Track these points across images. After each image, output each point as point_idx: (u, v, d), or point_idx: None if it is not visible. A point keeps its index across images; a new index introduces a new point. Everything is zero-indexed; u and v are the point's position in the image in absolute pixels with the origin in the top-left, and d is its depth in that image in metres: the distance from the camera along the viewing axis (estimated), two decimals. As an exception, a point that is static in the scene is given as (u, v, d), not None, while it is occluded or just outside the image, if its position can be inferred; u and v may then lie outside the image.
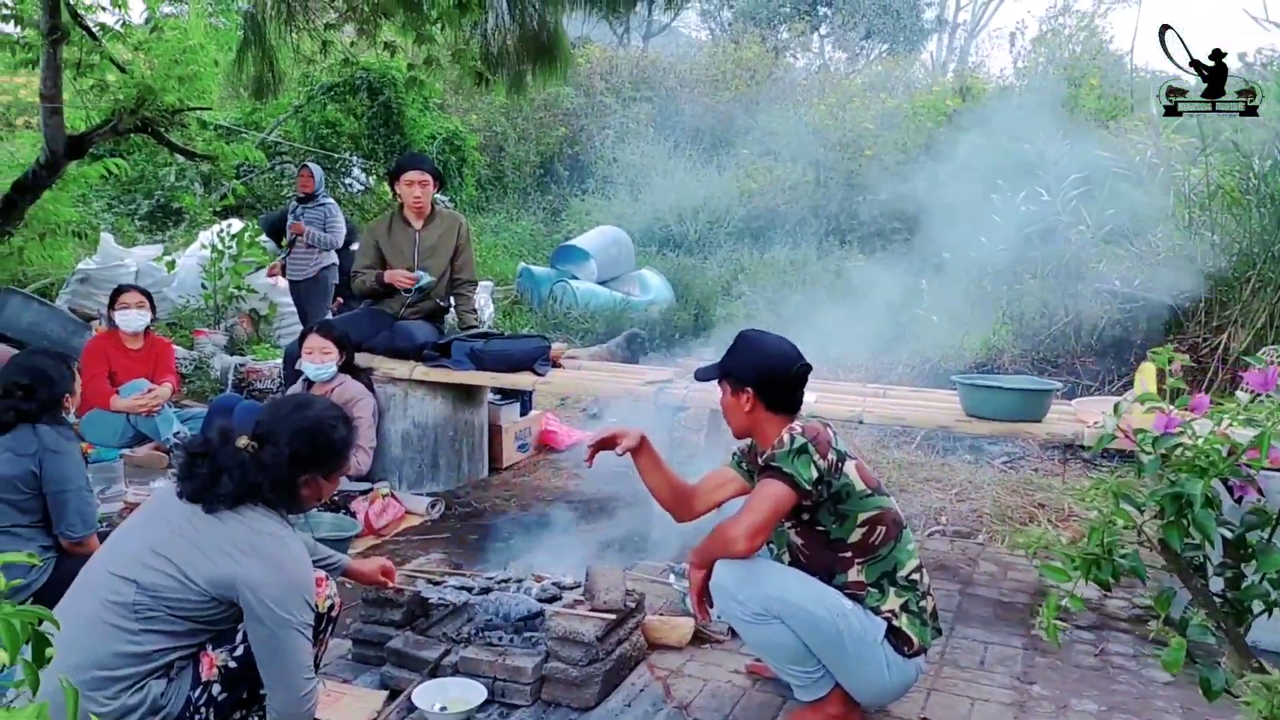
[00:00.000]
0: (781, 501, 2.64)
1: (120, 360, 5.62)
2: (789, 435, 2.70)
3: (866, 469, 2.80)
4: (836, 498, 2.71)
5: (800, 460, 2.64)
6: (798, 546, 2.83)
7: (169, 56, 7.76)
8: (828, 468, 2.66)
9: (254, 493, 2.39)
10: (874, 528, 2.74)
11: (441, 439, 5.20)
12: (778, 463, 2.66)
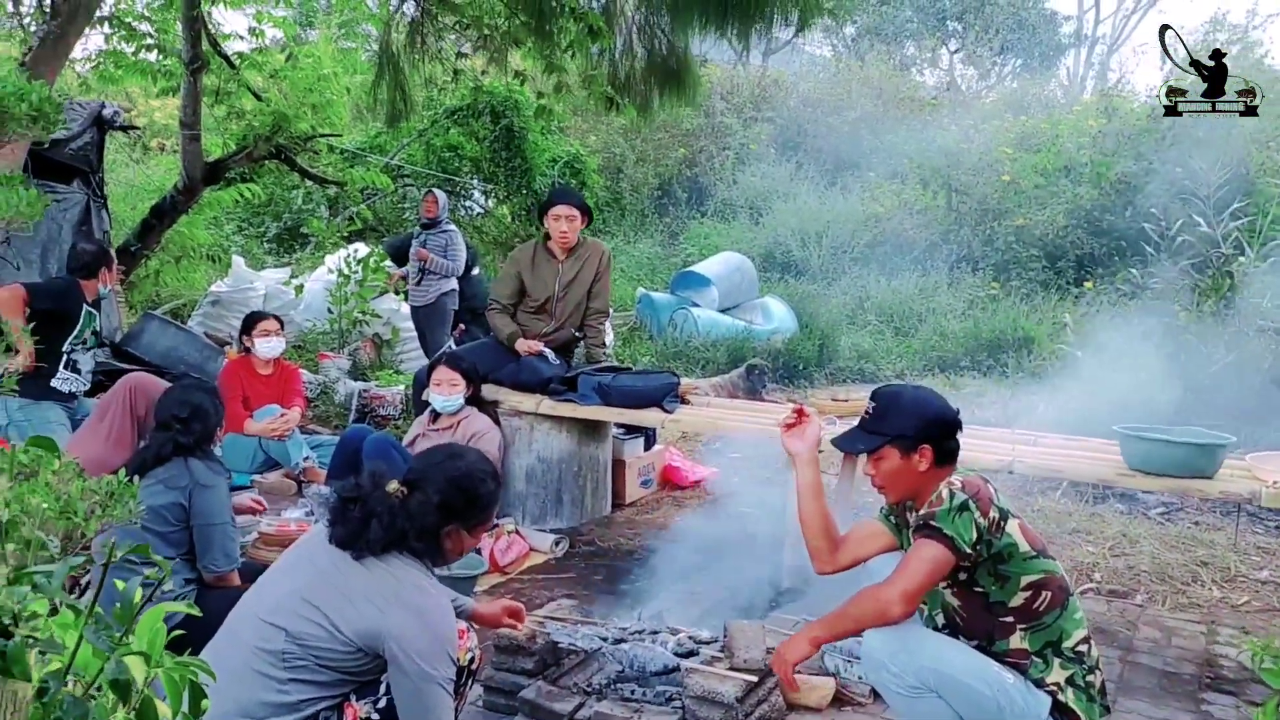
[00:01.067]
0: (940, 565, 2.46)
1: (254, 385, 5.68)
2: (948, 491, 2.49)
3: (1030, 529, 2.59)
4: (998, 558, 2.50)
5: (961, 520, 2.44)
6: (954, 608, 2.62)
7: (303, 85, 7.94)
8: (989, 526, 2.46)
9: (401, 540, 2.34)
10: (1038, 593, 2.53)
11: (566, 474, 5.07)
12: (937, 522, 2.46)
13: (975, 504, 2.46)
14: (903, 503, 2.76)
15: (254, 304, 9.06)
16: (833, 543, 2.88)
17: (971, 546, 2.44)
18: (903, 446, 2.62)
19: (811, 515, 2.87)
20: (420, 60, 6.53)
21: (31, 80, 5.35)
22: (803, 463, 2.88)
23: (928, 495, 2.58)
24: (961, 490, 2.48)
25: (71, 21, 5.46)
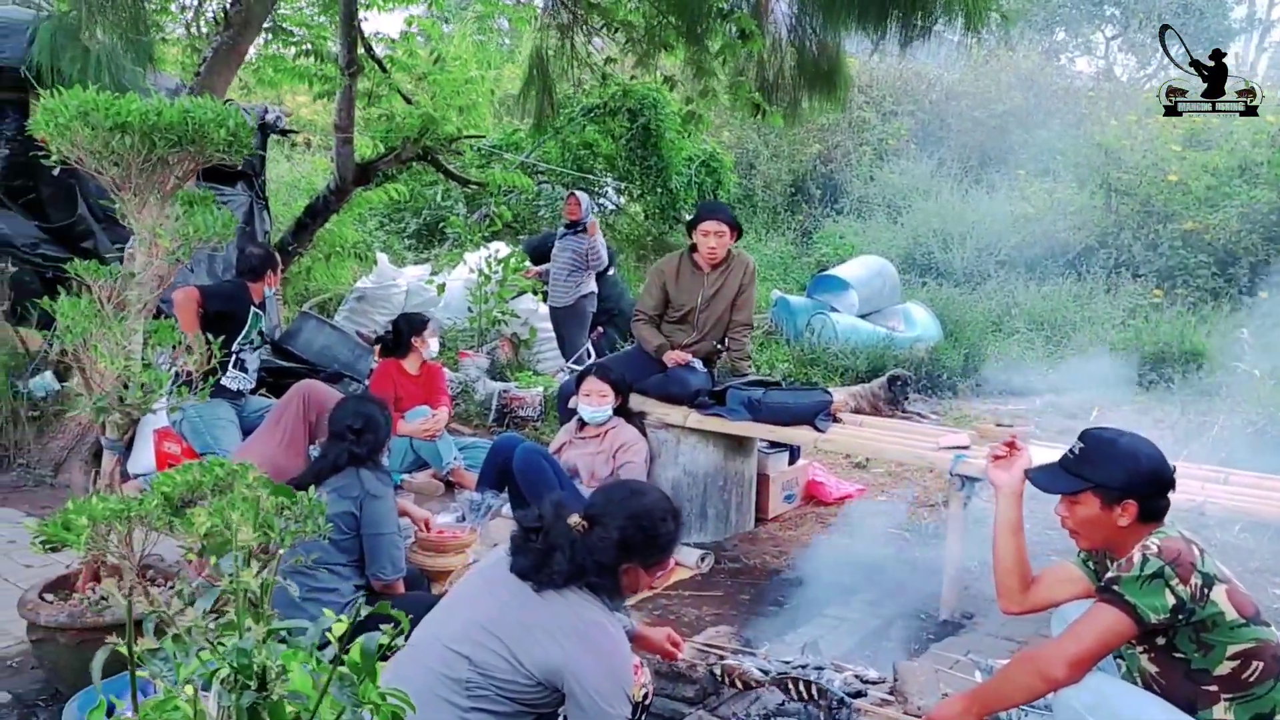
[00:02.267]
0: (1115, 634, 2.32)
1: (404, 386, 5.80)
2: (1142, 555, 2.33)
3: (1241, 593, 2.37)
4: (1200, 626, 2.31)
5: (1149, 588, 2.28)
6: (1151, 675, 2.43)
7: (450, 88, 8.06)
8: (1190, 595, 2.28)
9: (580, 575, 2.34)
10: (1248, 662, 2.32)
11: (711, 488, 4.99)
12: (1121, 588, 2.31)
13: (1174, 570, 2.29)
14: (1103, 551, 2.59)
15: (396, 301, 9.30)
16: (1024, 582, 2.75)
17: (1168, 614, 2.28)
18: (1105, 496, 2.45)
19: (1007, 552, 2.75)
20: (569, 66, 6.53)
21: (206, 89, 5.59)
22: (1005, 496, 2.77)
23: (1127, 550, 2.41)
24: (1158, 555, 2.32)
25: (243, 32, 5.66)
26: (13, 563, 4.24)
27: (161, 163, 2.79)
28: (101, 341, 2.85)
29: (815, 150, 15.22)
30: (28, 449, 5.23)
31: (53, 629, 2.90)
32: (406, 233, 12.38)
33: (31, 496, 5.06)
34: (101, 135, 2.65)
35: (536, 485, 4.38)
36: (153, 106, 2.67)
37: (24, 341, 5.42)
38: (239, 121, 2.84)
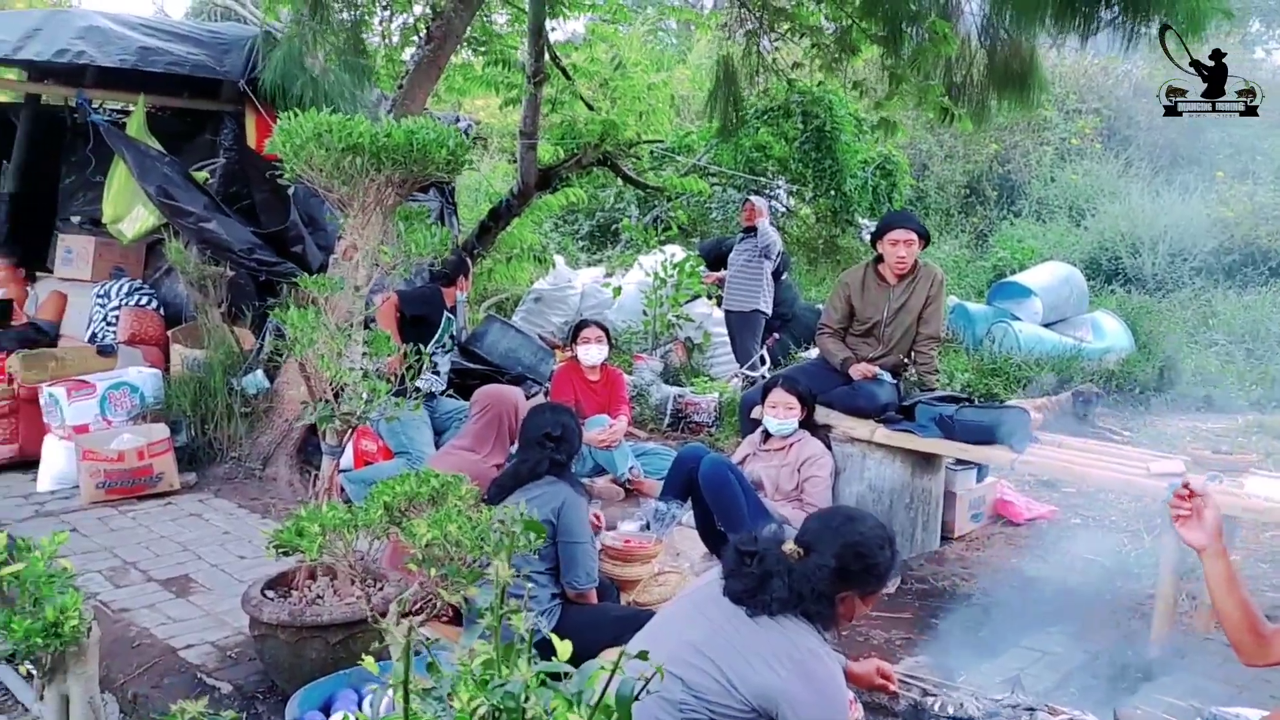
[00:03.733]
0: None
1: (584, 391, 5.87)
2: None
3: None
4: None
5: None
6: None
7: (631, 94, 8.13)
8: None
9: (797, 602, 2.30)
10: None
11: (897, 505, 4.84)
12: None
13: None
14: None
15: (572, 302, 9.48)
16: (1260, 636, 2.49)
17: None
18: None
19: (1229, 609, 2.49)
20: (755, 71, 6.47)
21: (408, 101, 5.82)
22: (1209, 556, 2.45)
23: None
24: None
25: (443, 45, 5.85)
26: (228, 554, 4.52)
27: (387, 181, 2.89)
28: (326, 351, 2.98)
29: (992, 150, 14.58)
30: (239, 443, 5.58)
31: (274, 626, 3.06)
32: (579, 234, 12.58)
33: (242, 488, 5.39)
34: (334, 156, 2.77)
35: (722, 497, 4.34)
36: (382, 129, 2.77)
37: (238, 341, 5.79)
38: (458, 141, 2.91)
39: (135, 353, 5.84)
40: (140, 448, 5.04)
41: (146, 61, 5.54)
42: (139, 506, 5.02)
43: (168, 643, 3.61)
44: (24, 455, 5.42)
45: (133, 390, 5.44)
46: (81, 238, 6.71)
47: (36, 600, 2.57)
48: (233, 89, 6.17)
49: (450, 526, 2.48)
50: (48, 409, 5.29)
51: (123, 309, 6.05)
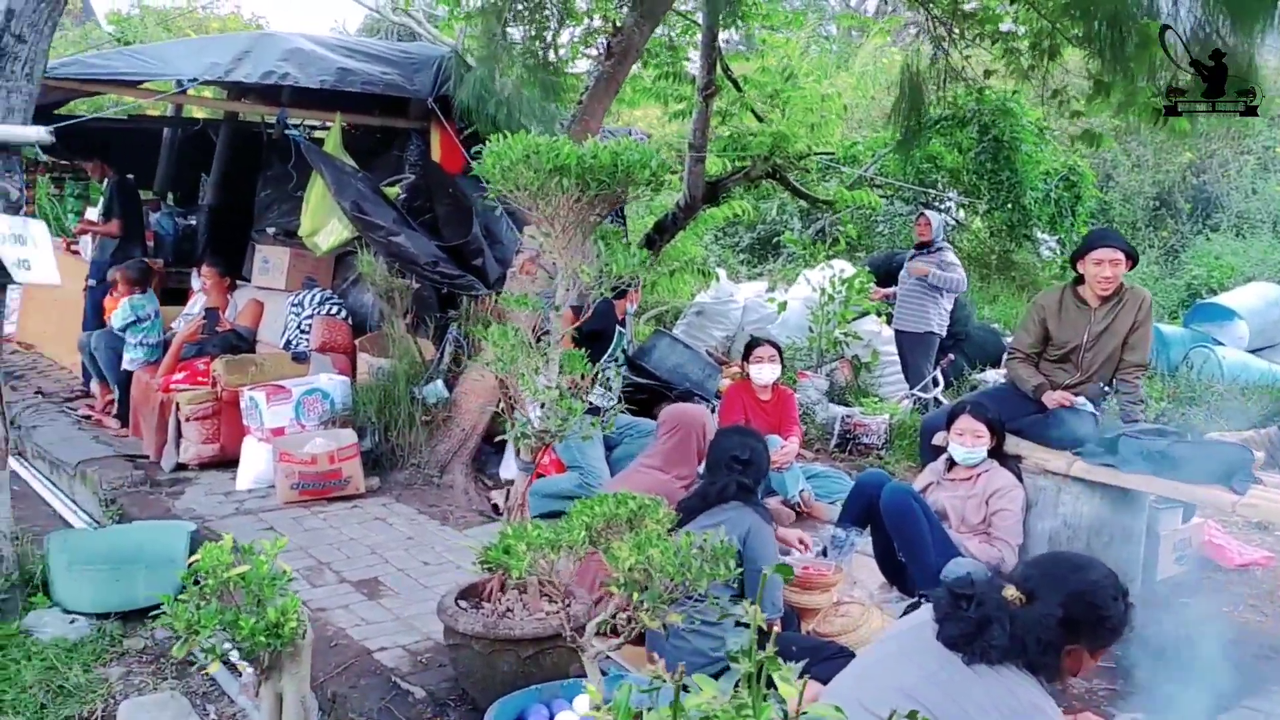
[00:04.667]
0: None
1: (754, 410, 5.79)
2: None
3: None
4: None
5: None
6: None
7: (803, 105, 8.00)
8: None
9: (1020, 652, 2.14)
10: None
11: (1094, 543, 4.52)
12: None
13: None
14: None
15: (733, 316, 9.40)
16: None
17: None
18: None
19: None
20: (942, 81, 6.24)
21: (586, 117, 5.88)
22: None
23: None
24: None
25: (622, 61, 5.89)
26: (412, 559, 4.65)
27: (589, 202, 2.90)
28: (526, 369, 3.01)
29: (1186, 160, 13.66)
30: (419, 450, 5.75)
31: (469, 636, 3.10)
32: (740, 247, 12.51)
33: (421, 494, 5.56)
34: (541, 177, 2.79)
35: (905, 527, 4.18)
36: (588, 150, 2.78)
37: (420, 351, 5.97)
38: (660, 161, 2.89)
39: (326, 360, 6.12)
40: (331, 452, 5.26)
41: (344, 81, 5.81)
42: (328, 508, 5.24)
43: (363, 644, 3.73)
44: (224, 454, 5.74)
45: (324, 396, 5.69)
46: (277, 248, 7.09)
47: (259, 601, 2.68)
48: (420, 106, 6.40)
49: (652, 551, 2.44)
50: (248, 412, 5.59)
51: (315, 318, 6.36)
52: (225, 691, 3.61)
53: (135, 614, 4.08)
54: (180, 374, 5.92)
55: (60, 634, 3.87)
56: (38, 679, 3.56)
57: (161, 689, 3.63)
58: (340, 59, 5.89)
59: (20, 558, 4.09)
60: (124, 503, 5.16)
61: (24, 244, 3.89)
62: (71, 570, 4.02)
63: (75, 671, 3.63)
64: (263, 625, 2.62)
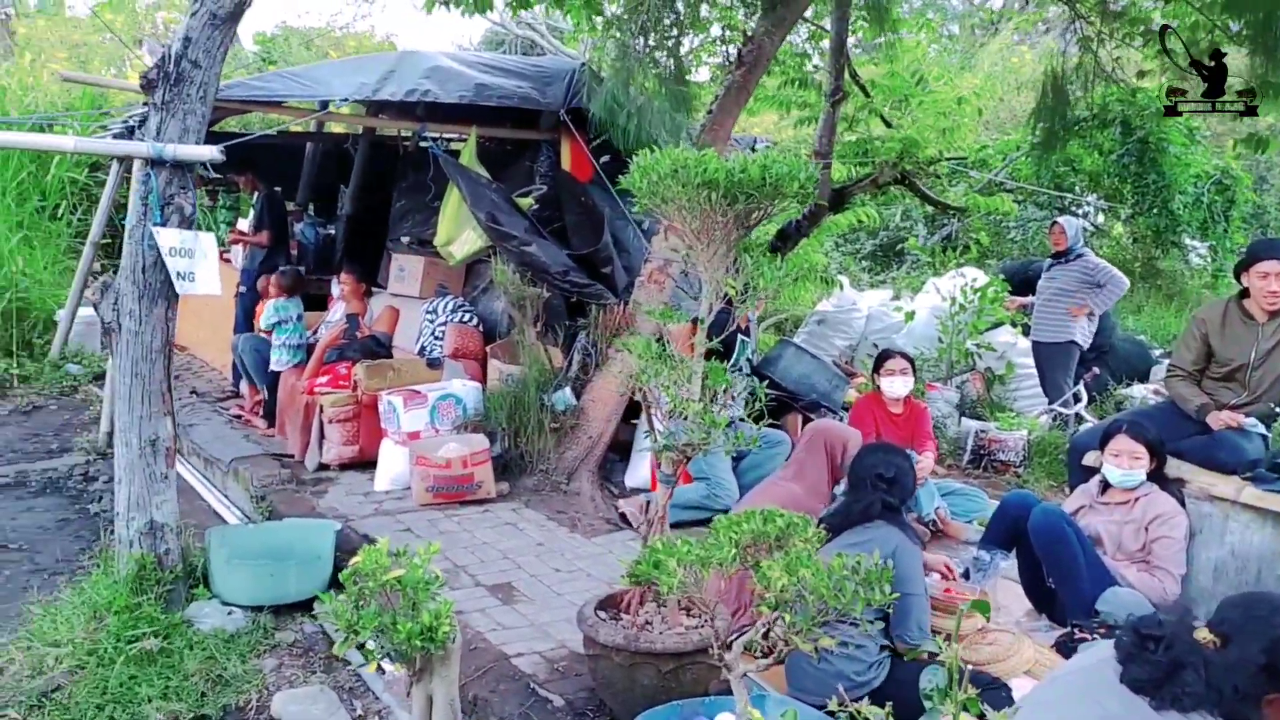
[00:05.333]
0: None
1: (886, 424, 5.65)
2: None
3: None
4: None
5: None
6: None
7: (935, 109, 7.81)
8: None
9: (1215, 700, 2.02)
10: None
11: (1266, 575, 4.24)
12: None
13: None
14: None
15: (856, 325, 9.23)
16: None
17: None
18: None
19: None
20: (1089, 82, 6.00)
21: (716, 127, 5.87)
22: None
23: None
24: None
25: (753, 70, 5.86)
26: (544, 565, 4.72)
27: (736, 215, 2.88)
28: (668, 382, 3.01)
29: (1349, 160, 12.78)
30: (547, 456, 5.83)
31: (609, 648, 3.12)
32: (861, 254, 12.29)
33: (549, 500, 5.63)
34: (689, 191, 2.79)
35: (1055, 552, 4.03)
36: (737, 164, 2.76)
37: (550, 358, 6.06)
38: (809, 174, 2.86)
39: (458, 366, 6.28)
40: (464, 456, 5.39)
41: (481, 96, 5.95)
42: (461, 511, 5.36)
43: (500, 648, 3.79)
44: (363, 456, 5.95)
45: (457, 401, 5.84)
46: (413, 257, 7.31)
47: (414, 605, 2.76)
48: (551, 118, 6.51)
49: (804, 572, 2.40)
50: (386, 415, 5.77)
51: (448, 324, 6.53)
52: (370, 688, 3.74)
53: (286, 608, 4.27)
54: (323, 378, 6.16)
55: (219, 625, 4.07)
56: (199, 667, 3.75)
57: (311, 682, 3.78)
58: (477, 74, 6.04)
59: (183, 551, 4.32)
60: (273, 500, 5.39)
61: (190, 257, 4.11)
62: (230, 564, 4.22)
63: (233, 662, 3.81)
64: (418, 629, 2.70)
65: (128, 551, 4.16)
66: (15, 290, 8.47)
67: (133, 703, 3.49)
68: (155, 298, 4.13)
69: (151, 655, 3.75)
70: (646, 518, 3.27)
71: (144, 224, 4.06)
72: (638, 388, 3.17)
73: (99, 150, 5.99)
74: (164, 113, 4.06)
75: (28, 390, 7.87)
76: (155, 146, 4.00)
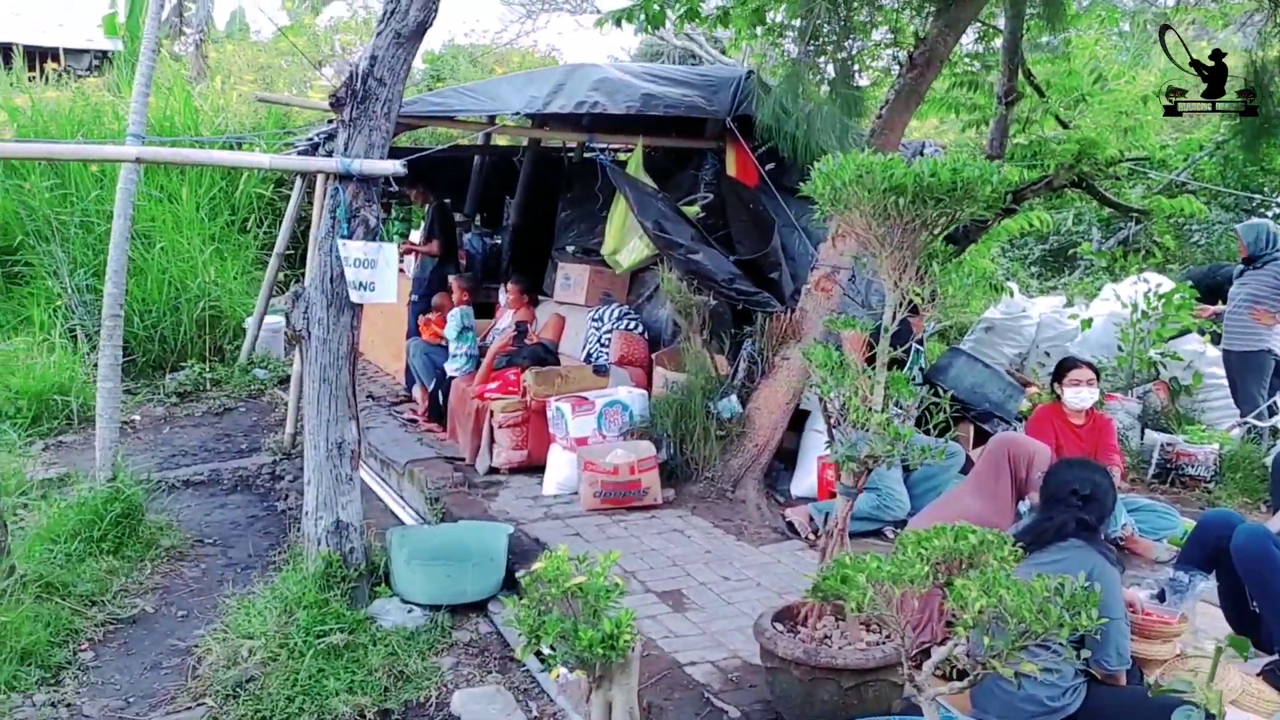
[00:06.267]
0: None
1: (1066, 436, 5.39)
2: None
3: None
4: None
5: None
6: None
7: (1115, 108, 7.42)
8: None
9: None
10: None
11: None
12: None
13: None
14: None
15: (1026, 333, 8.84)
16: None
17: None
18: None
19: None
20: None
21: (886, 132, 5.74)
22: None
23: None
24: None
25: (925, 73, 5.71)
26: (712, 573, 4.71)
27: (922, 222, 2.80)
28: (850, 391, 2.95)
29: None
30: (712, 464, 5.83)
31: (788, 661, 3.08)
32: (1030, 259, 11.77)
33: (715, 508, 5.62)
34: (875, 197, 2.73)
35: (1262, 575, 3.72)
36: (926, 168, 2.69)
37: (715, 366, 6.06)
38: (1001, 178, 2.75)
39: (624, 373, 6.35)
40: (631, 463, 5.44)
41: (649, 106, 6.02)
42: (628, 517, 5.42)
43: (673, 656, 3.80)
44: (531, 460, 6.09)
45: (624, 408, 5.91)
46: (578, 266, 7.46)
47: (595, 612, 2.79)
48: (717, 126, 6.52)
49: (1004, 593, 2.30)
50: (554, 421, 5.90)
51: (614, 332, 6.62)
52: (545, 690, 3.81)
53: (462, 607, 4.40)
54: (493, 383, 6.35)
55: (400, 622, 4.23)
56: (382, 663, 3.90)
57: (487, 682, 3.88)
58: (643, 84, 6.11)
59: (366, 549, 4.52)
60: (446, 501, 5.58)
61: (372, 268, 4.29)
62: (410, 564, 4.39)
63: (414, 659, 3.96)
64: (600, 636, 2.73)
65: (315, 549, 4.38)
66: (208, 299, 9.08)
67: (320, 695, 3.65)
68: (342, 306, 4.34)
69: (338, 650, 3.94)
70: (825, 529, 3.21)
71: (332, 236, 4.28)
72: (818, 397, 3.12)
73: (291, 166, 6.40)
74: (351, 129, 4.26)
75: (219, 393, 8.42)
76: (343, 162, 4.21)
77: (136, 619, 4.39)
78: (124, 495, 5.04)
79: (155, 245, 8.99)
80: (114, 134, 9.65)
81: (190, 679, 3.88)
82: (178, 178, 9.58)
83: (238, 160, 6.94)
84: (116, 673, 3.95)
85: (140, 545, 5.00)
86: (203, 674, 3.89)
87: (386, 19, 4.20)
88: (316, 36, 16.64)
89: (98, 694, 3.79)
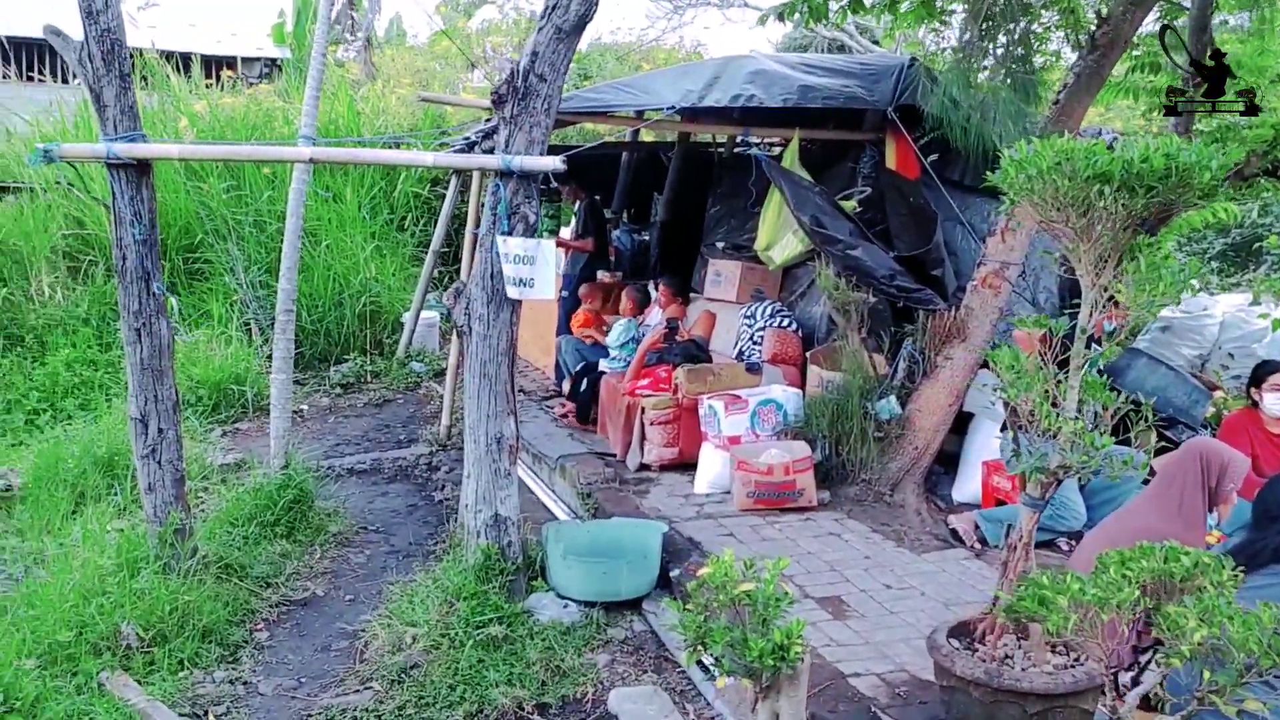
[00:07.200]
0: None
1: (1263, 445, 4.98)
2: None
3: None
4: None
5: None
6: None
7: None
8: None
9: None
10: None
11: None
12: None
13: None
14: None
15: (1208, 333, 8.20)
16: None
17: None
18: None
19: None
20: None
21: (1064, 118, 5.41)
22: None
23: None
24: None
25: (1108, 54, 5.35)
26: (873, 580, 4.53)
27: (1128, 213, 2.58)
28: (1040, 396, 2.75)
29: None
30: (870, 466, 5.63)
31: (967, 681, 2.90)
32: (1209, 254, 10.97)
33: (872, 511, 5.43)
34: (1077, 185, 2.53)
35: None
36: (1137, 154, 2.46)
37: (874, 365, 5.85)
38: (1221, 164, 2.50)
39: (777, 371, 6.21)
40: (786, 463, 5.31)
41: (806, 99, 5.85)
42: (782, 519, 5.28)
43: (836, 666, 3.67)
44: (683, 458, 6.02)
45: (778, 407, 5.77)
46: (729, 262, 7.35)
47: (764, 621, 2.69)
48: (876, 117, 6.29)
49: (1227, 623, 2.08)
50: (706, 419, 5.81)
51: (767, 329, 6.48)
52: (701, 693, 3.73)
53: (616, 605, 4.38)
54: (644, 380, 6.31)
55: (555, 617, 4.24)
56: (539, 657, 3.91)
57: (642, 681, 3.84)
58: (800, 76, 5.94)
59: (523, 544, 4.55)
60: (598, 497, 5.58)
61: (530, 264, 4.29)
62: (566, 560, 4.39)
63: (569, 654, 3.95)
64: (770, 646, 2.63)
65: (475, 542, 4.43)
66: (369, 295, 9.40)
67: (480, 685, 3.69)
68: (502, 303, 4.37)
69: (497, 641, 3.97)
70: (1008, 542, 3.01)
71: (493, 232, 4.31)
72: (1003, 402, 2.93)
73: (455, 164, 6.51)
74: (512, 126, 4.28)
75: (379, 385, 8.70)
76: (504, 158, 4.23)
77: (307, 601, 4.54)
78: (296, 482, 5.24)
79: (321, 243, 9.37)
80: (284, 137, 10.12)
81: (358, 662, 3.98)
82: (341, 178, 9.96)
83: (404, 159, 7.13)
84: (289, 653, 4.10)
85: (310, 530, 5.19)
86: (369, 658, 3.99)
87: (548, 14, 4.20)
88: (469, 39, 17.05)
89: (272, 673, 3.93)
